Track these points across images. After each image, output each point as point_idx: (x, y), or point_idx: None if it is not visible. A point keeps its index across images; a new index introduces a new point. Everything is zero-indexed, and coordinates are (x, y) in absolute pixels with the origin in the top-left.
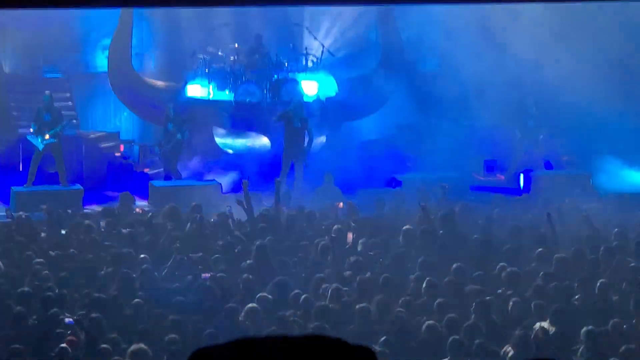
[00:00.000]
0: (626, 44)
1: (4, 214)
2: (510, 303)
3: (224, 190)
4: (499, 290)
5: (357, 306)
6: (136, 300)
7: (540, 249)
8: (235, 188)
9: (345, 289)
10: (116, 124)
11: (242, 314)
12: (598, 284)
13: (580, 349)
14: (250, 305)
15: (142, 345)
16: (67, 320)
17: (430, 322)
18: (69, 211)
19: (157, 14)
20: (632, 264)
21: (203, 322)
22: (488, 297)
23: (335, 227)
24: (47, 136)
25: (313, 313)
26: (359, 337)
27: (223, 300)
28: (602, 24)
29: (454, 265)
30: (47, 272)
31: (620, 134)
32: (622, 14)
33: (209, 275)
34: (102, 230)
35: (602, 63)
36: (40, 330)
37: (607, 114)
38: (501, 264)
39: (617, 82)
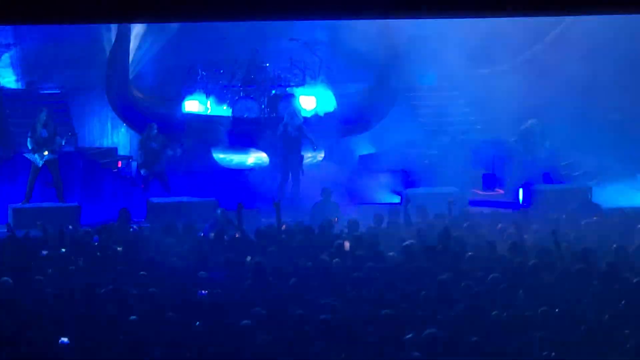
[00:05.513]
0: (629, 56)
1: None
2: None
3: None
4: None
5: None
6: (132, 317)
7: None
8: (234, 204)
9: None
10: (114, 140)
11: (240, 331)
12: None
13: None
14: (247, 322)
15: None
16: (61, 340)
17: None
18: (70, 227)
19: (154, 30)
20: (634, 280)
21: (200, 339)
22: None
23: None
24: (45, 152)
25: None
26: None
27: (220, 317)
28: (604, 34)
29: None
30: (46, 290)
31: (621, 147)
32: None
33: (206, 292)
34: (100, 247)
35: (604, 76)
36: (36, 350)
37: (609, 128)
38: None
39: (619, 95)
